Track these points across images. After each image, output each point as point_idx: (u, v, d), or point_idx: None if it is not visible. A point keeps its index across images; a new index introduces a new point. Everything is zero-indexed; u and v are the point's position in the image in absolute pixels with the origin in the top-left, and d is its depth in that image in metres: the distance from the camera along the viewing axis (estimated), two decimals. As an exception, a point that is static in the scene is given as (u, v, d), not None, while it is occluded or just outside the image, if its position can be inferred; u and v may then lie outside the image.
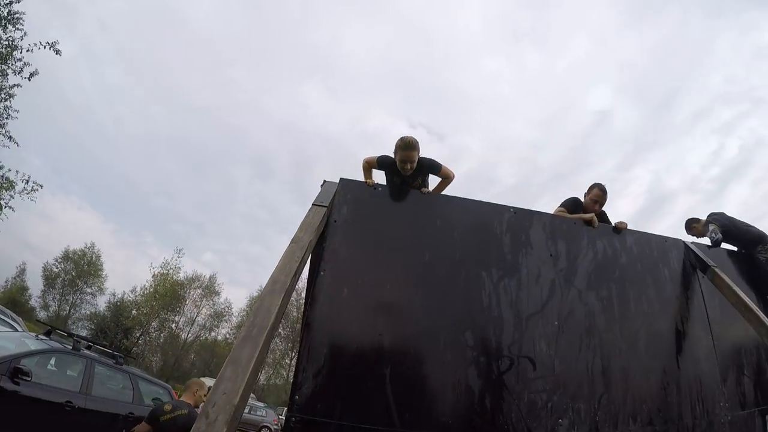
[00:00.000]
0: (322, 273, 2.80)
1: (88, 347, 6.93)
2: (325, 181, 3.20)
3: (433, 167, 3.59)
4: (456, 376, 2.74)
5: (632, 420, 3.01)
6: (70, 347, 6.29)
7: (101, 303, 37.44)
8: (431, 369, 2.75)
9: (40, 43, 9.90)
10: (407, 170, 3.41)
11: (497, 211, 3.28)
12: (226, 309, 40.27)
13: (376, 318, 2.78)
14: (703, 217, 4.73)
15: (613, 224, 3.68)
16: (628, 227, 3.67)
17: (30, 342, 5.97)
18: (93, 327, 34.61)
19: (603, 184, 3.98)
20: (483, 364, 2.82)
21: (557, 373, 2.91)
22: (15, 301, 33.23)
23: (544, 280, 3.13)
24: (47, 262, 37.24)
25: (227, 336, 39.93)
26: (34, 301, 37.62)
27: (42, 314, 36.58)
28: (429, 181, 3.78)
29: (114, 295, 37.03)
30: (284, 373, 31.90)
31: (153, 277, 35.72)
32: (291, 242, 2.59)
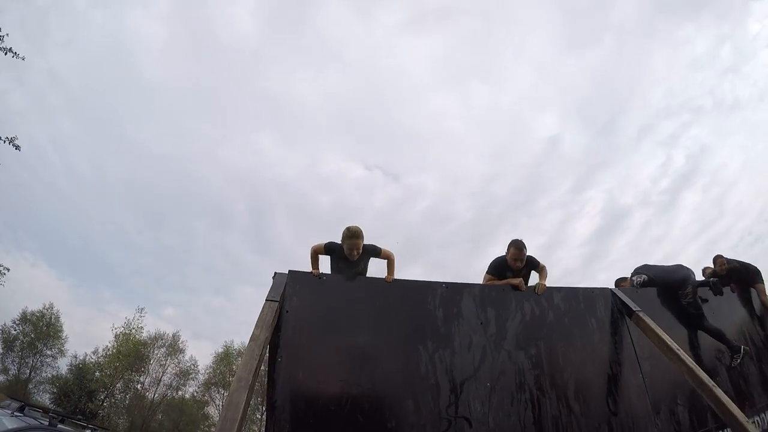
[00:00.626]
0: (279, 359, 3.32)
1: (62, 421, 7.17)
2: (276, 273, 3.72)
3: (375, 251, 4.11)
4: (402, 440, 3.24)
5: (565, 462, 3.46)
6: (46, 423, 6.57)
7: (63, 365, 36.57)
8: (381, 434, 3.25)
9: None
10: (354, 256, 3.94)
11: (431, 288, 3.79)
12: (192, 367, 39.65)
13: (329, 395, 3.28)
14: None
15: (540, 284, 4.14)
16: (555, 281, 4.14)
17: (6, 420, 6.10)
18: (55, 390, 33.92)
19: (518, 240, 4.33)
20: (425, 426, 3.30)
21: (491, 428, 3.38)
22: (-29, 365, 32.61)
23: (475, 346, 3.61)
24: (5, 324, 36.45)
25: (194, 394, 39.50)
26: None
27: (1, 378, 36.14)
28: (370, 264, 4.30)
29: (76, 357, 36.36)
30: (255, 428, 31.88)
31: (115, 337, 35.61)
32: (249, 341, 3.14)
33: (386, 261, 4.05)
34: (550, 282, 4.24)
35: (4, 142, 10.45)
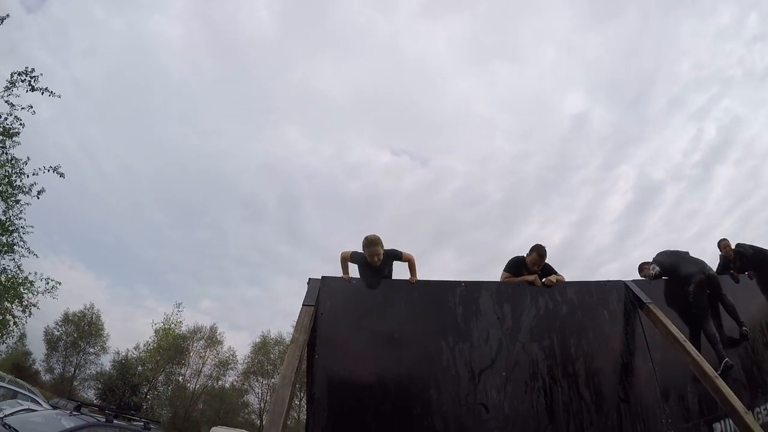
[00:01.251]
0: (316, 357, 3.76)
1: (116, 416, 7.85)
2: (310, 279, 4.12)
3: (396, 255, 4.40)
4: (426, 423, 3.64)
5: (575, 444, 3.80)
6: (103, 419, 7.20)
7: (106, 362, 38.31)
8: (407, 419, 3.66)
9: (44, 167, 11.20)
10: (376, 262, 4.27)
11: (450, 287, 4.13)
12: (231, 357, 40.94)
13: (361, 386, 3.71)
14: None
15: (550, 277, 4.42)
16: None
17: (65, 420, 6.75)
18: (100, 386, 35.53)
19: (541, 246, 4.57)
20: (447, 412, 3.70)
21: (507, 413, 3.75)
22: (19, 366, 34.12)
23: (492, 339, 3.96)
24: (48, 326, 38.11)
25: (234, 383, 40.67)
26: (38, 365, 38.50)
27: (47, 377, 38.00)
28: (394, 267, 4.62)
29: (118, 353, 37.90)
30: (295, 414, 32.82)
31: (155, 332, 36.66)
32: (291, 342, 3.61)
33: (407, 263, 4.37)
34: (572, 276, 4.51)
35: (49, 171, 10.99)
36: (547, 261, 4.53)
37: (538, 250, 4.45)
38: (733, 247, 5.95)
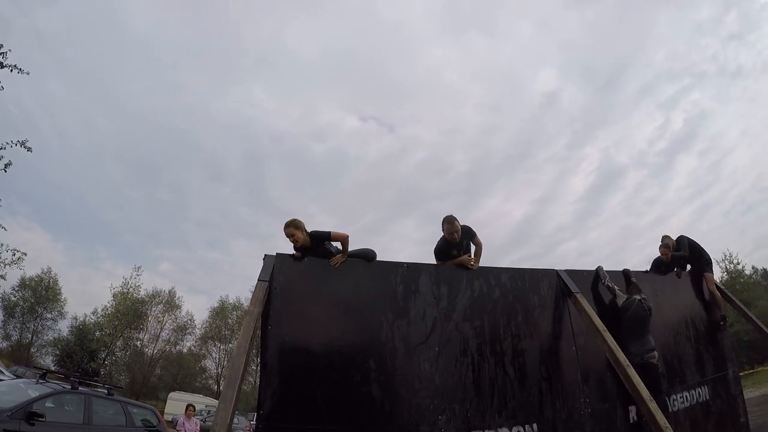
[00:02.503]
0: (269, 327, 4.04)
1: (80, 383, 8.04)
2: (265, 255, 4.40)
3: (325, 237, 4.48)
4: (364, 390, 3.95)
5: (498, 415, 4.16)
6: (69, 387, 7.47)
7: (63, 327, 37.71)
8: (348, 386, 3.95)
9: (11, 141, 10.81)
10: (294, 244, 4.40)
11: (393, 268, 4.44)
12: (189, 322, 41.06)
13: (309, 355, 3.99)
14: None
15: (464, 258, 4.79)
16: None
17: (31, 389, 6.98)
18: (58, 352, 35.04)
19: (447, 215, 4.84)
20: (383, 381, 4.02)
21: (437, 385, 4.08)
22: (-26, 334, 33.65)
23: (428, 317, 4.28)
24: (4, 292, 36.36)
25: (192, 348, 40.65)
26: None
27: (4, 344, 37.17)
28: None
29: (76, 318, 37.38)
30: (252, 380, 32.41)
31: (113, 296, 36.24)
32: (245, 315, 3.89)
33: (340, 242, 4.46)
34: (531, 253, 4.85)
35: (16, 145, 10.81)
36: (468, 225, 4.91)
37: (446, 220, 4.78)
38: (674, 238, 6.32)
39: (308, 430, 3.75)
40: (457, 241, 4.82)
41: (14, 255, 13.31)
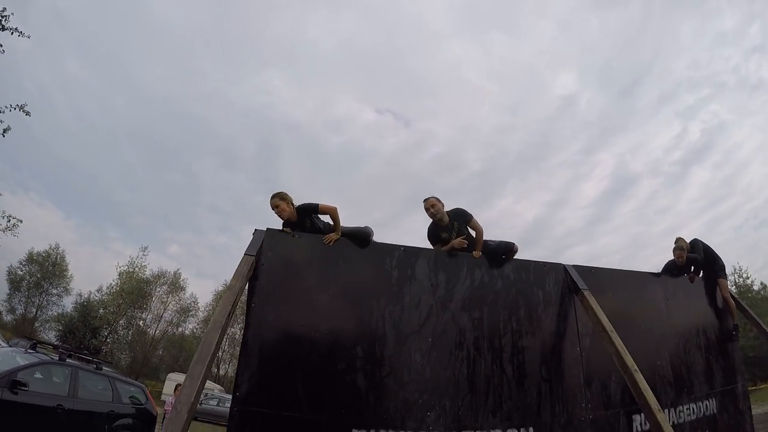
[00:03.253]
0: (253, 305, 3.73)
1: (70, 356, 7.92)
2: (255, 230, 4.10)
3: (312, 209, 4.25)
4: (348, 379, 3.65)
5: (492, 415, 3.84)
6: (57, 358, 7.33)
7: (68, 304, 37.82)
8: (331, 373, 3.65)
9: (10, 105, 10.30)
10: (280, 216, 4.18)
11: (389, 250, 4.12)
12: (193, 304, 40.98)
13: (292, 337, 3.69)
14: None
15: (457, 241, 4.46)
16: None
17: (19, 357, 6.85)
18: (61, 328, 34.93)
19: (427, 198, 4.66)
20: (369, 371, 3.70)
21: (428, 378, 3.76)
22: (-22, 306, 33.68)
23: (423, 305, 3.96)
24: (11, 265, 37.53)
25: (194, 330, 40.35)
26: (0, 305, 38.15)
27: (8, 318, 37.40)
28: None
29: (80, 295, 37.37)
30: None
31: (119, 275, 36.18)
32: (227, 289, 3.57)
33: (330, 215, 4.24)
34: (538, 255, 4.50)
35: (15, 109, 10.43)
36: (463, 208, 4.65)
37: (424, 204, 4.61)
38: (688, 241, 6.01)
39: (286, 417, 3.45)
40: (444, 223, 4.57)
41: (9, 221, 12.93)
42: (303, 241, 4.05)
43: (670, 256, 5.77)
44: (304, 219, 4.23)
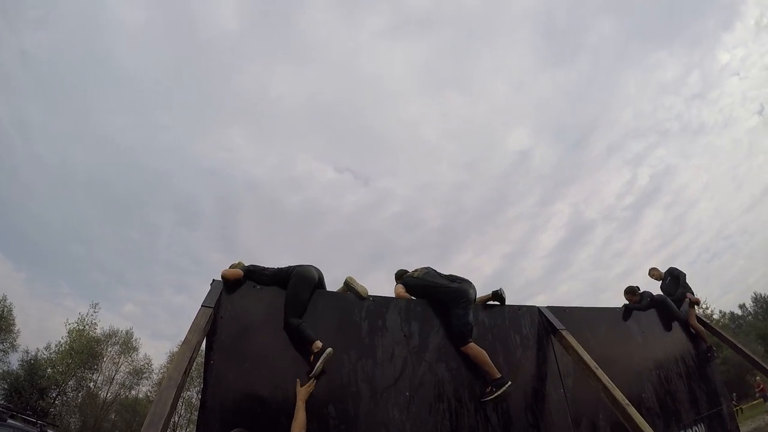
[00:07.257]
0: (212, 362, 3.47)
1: (12, 416, 7.32)
2: (213, 280, 3.89)
3: None
4: (321, 443, 3.36)
5: (480, 469, 3.59)
6: None
7: (14, 360, 34.78)
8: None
9: None
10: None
11: (357, 301, 3.97)
12: (146, 366, 38.73)
13: (256, 397, 3.41)
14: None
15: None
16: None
17: None
18: (6, 386, 32.39)
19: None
20: (345, 430, 3.43)
21: (408, 436, 3.51)
22: None
23: (397, 357, 3.77)
24: None
25: (148, 394, 37.81)
26: None
27: None
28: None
29: (27, 352, 34.93)
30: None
31: (68, 333, 34.19)
32: (182, 344, 3.30)
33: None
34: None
35: None
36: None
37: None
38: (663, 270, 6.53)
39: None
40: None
41: None
42: (265, 293, 3.86)
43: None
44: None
